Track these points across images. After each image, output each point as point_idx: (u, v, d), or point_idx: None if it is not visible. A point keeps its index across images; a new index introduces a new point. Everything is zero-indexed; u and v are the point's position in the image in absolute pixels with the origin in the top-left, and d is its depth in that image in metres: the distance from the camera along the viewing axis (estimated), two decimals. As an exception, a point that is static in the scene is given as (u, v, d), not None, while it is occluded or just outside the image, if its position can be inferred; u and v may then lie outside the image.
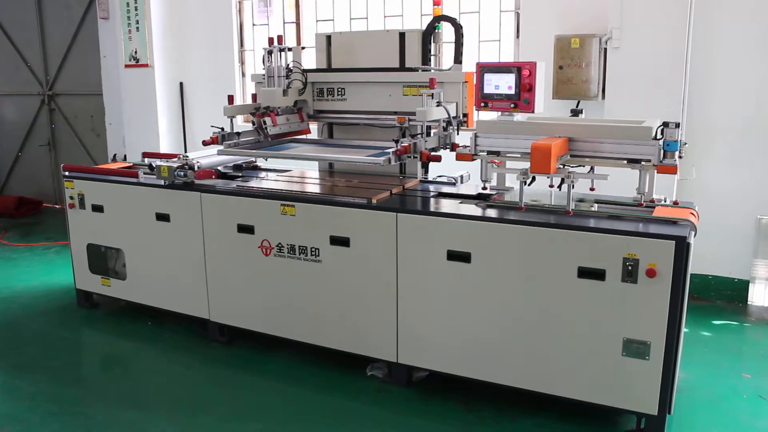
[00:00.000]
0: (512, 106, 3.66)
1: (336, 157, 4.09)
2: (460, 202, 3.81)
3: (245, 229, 4.17)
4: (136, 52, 7.31)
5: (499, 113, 3.75)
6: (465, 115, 4.07)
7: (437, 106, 3.89)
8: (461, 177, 4.33)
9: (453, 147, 4.08)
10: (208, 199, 4.28)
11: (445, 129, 4.06)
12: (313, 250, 3.98)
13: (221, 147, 4.37)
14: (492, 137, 3.69)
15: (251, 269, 4.20)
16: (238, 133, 4.54)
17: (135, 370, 4.16)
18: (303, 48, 4.56)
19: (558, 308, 3.38)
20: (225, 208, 4.22)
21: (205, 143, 4.41)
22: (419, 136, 3.93)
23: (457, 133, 4.10)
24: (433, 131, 4.11)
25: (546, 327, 3.43)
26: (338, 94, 4.52)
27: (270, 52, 4.22)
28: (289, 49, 4.40)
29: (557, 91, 5.44)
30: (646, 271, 3.11)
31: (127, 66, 7.42)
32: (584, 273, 3.27)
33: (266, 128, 4.17)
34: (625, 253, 3.15)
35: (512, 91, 3.66)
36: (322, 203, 3.90)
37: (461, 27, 4.33)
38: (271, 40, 4.18)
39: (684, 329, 3.38)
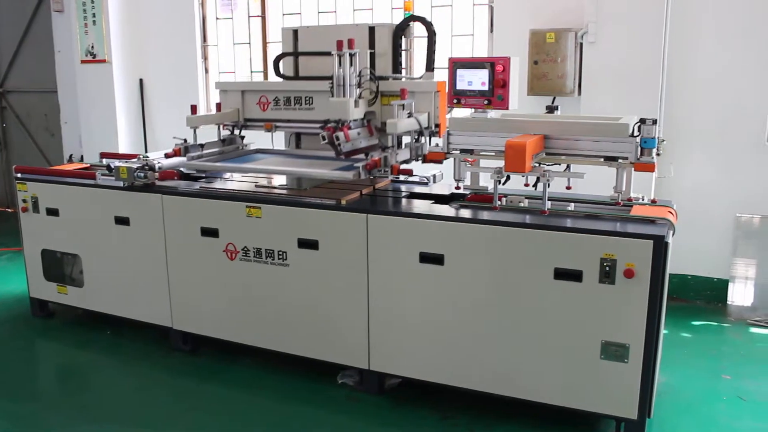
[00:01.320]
0: (486, 102, 3.67)
1: (303, 171, 4.06)
2: (433, 203, 3.80)
3: (209, 232, 4.15)
4: (92, 47, 7.21)
5: (473, 110, 3.75)
6: (437, 126, 4.06)
7: (408, 117, 3.90)
8: (434, 176, 4.34)
9: (425, 158, 4.09)
10: (170, 202, 4.25)
11: (416, 140, 4.08)
12: (280, 253, 3.97)
13: (184, 160, 4.35)
14: (465, 135, 3.69)
15: (215, 274, 4.18)
16: (202, 145, 4.54)
17: (93, 382, 4.11)
18: (268, 43, 4.50)
19: (534, 311, 3.39)
20: (187, 210, 4.19)
21: (167, 156, 4.36)
22: (390, 149, 3.94)
23: (429, 144, 4.11)
24: (404, 143, 4.12)
25: (522, 330, 3.44)
26: (306, 103, 4.49)
27: (340, 57, 3.94)
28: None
29: (532, 87, 5.47)
30: (623, 272, 3.13)
31: (83, 62, 7.32)
32: (561, 274, 3.28)
33: (339, 144, 3.81)
34: (603, 253, 3.17)
35: (485, 87, 3.66)
36: (289, 204, 3.89)
37: (434, 32, 4.21)
38: (340, 44, 3.92)
39: (663, 331, 3.41)
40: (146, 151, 7.36)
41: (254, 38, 7.11)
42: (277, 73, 4.63)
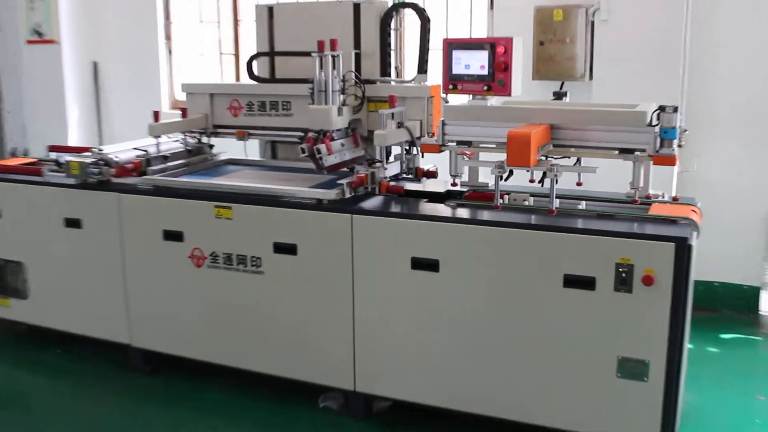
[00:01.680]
0: (485, 88, 3.68)
1: (278, 189, 4.00)
2: (426, 201, 3.82)
3: (173, 235, 4.15)
4: (39, 25, 7.15)
5: (470, 97, 3.76)
6: (431, 135, 4.10)
7: (398, 127, 3.93)
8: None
9: (417, 173, 4.19)
10: (128, 201, 4.24)
11: (407, 152, 4.12)
12: (253, 259, 3.97)
13: (147, 176, 4.34)
14: (462, 125, 3.70)
15: (180, 283, 4.18)
16: (166, 157, 4.57)
17: (40, 408, 4.08)
18: (239, 21, 4.48)
19: (541, 323, 3.40)
20: (148, 211, 4.19)
21: (125, 170, 4.31)
22: (378, 163, 3.97)
23: (422, 156, 4.14)
24: (394, 156, 4.17)
25: (527, 346, 3.45)
26: (283, 108, 4.52)
27: (321, 59, 3.91)
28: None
29: (537, 70, 5.48)
30: (642, 279, 3.14)
31: (29, 42, 7.27)
32: (571, 282, 3.29)
33: (321, 158, 3.83)
34: (618, 257, 3.18)
35: (485, 72, 3.67)
36: (263, 204, 3.89)
37: (428, 19, 4.20)
38: (321, 44, 3.88)
39: (687, 345, 3.47)
40: (101, 144, 7.29)
41: (224, 16, 7.07)
42: (251, 75, 4.63)
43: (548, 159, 3.54)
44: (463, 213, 3.62)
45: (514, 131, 3.32)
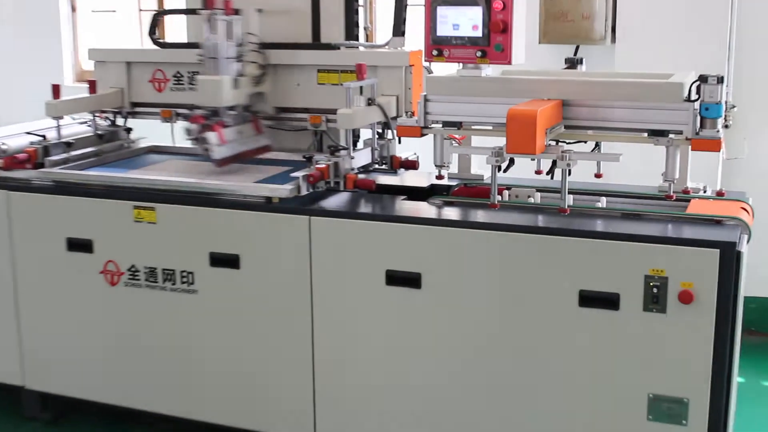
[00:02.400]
0: (479, 54, 3.67)
1: (215, 184, 4.00)
2: (404, 199, 3.85)
3: (79, 245, 4.13)
4: None
5: (460, 65, 3.76)
6: (410, 114, 4.08)
7: (368, 104, 3.95)
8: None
9: (393, 162, 4.23)
10: (20, 201, 4.22)
11: (381, 136, 4.15)
12: (184, 275, 3.97)
13: (45, 169, 4.29)
14: (449, 101, 3.71)
15: (89, 307, 4.16)
16: (69, 143, 4.55)
17: None
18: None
19: (551, 353, 3.42)
20: (47, 213, 4.17)
21: (16, 162, 4.28)
22: (344, 152, 3.99)
23: (399, 142, 4.20)
24: (363, 141, 4.17)
25: (534, 381, 3.47)
26: None
27: (210, 20, 3.98)
28: (235, 12, 4.20)
29: (546, 32, 5.51)
30: (678, 295, 3.16)
31: None
32: (589, 300, 3.32)
33: (209, 149, 3.93)
34: (648, 268, 3.21)
35: (479, 33, 3.67)
36: (197, 203, 3.89)
37: None
38: (210, 2, 3.96)
39: (737, 378, 3.45)
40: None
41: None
42: (154, 38, 4.65)
43: (559, 144, 3.55)
44: (452, 213, 3.63)
45: (515, 109, 3.30)
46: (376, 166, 4.24)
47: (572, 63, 4.05)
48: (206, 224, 3.89)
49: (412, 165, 4.29)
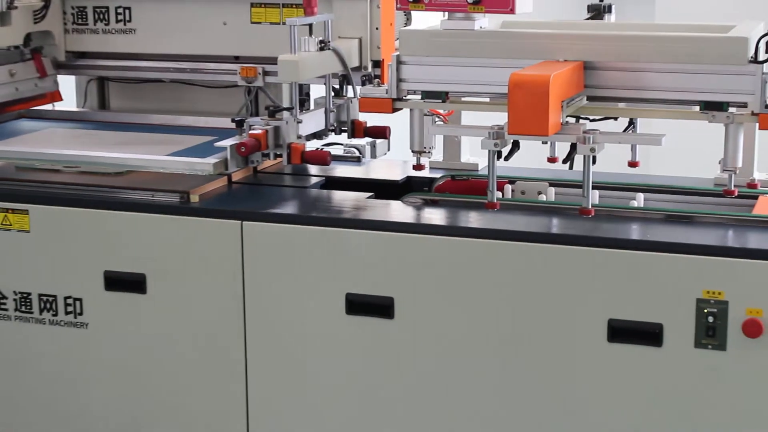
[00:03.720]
0: (470, 0, 3.52)
1: (108, 157, 3.99)
2: (370, 197, 3.80)
3: None
4: None
5: (444, 16, 3.66)
6: (377, 64, 4.10)
7: (321, 50, 3.90)
8: (371, 146, 4.32)
9: (355, 128, 4.18)
10: None
11: (337, 93, 4.12)
12: (69, 302, 3.85)
13: None
14: (431, 64, 3.62)
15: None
16: None
17: None
18: None
19: (571, 404, 3.36)
20: None
21: None
22: (289, 113, 3.90)
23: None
24: (314, 100, 4.15)
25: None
26: (118, 21, 4.52)
27: None
28: None
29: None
30: (743, 325, 3.06)
31: None
32: (621, 332, 3.23)
33: None
34: (701, 290, 3.11)
35: (470, -27, 3.64)
36: (86, 205, 3.81)
37: None
38: None
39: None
40: None
41: None
42: None
43: (580, 122, 3.50)
44: (435, 217, 3.61)
45: (520, 74, 3.21)
46: (332, 133, 4.19)
47: (597, 11, 3.98)
48: (99, 233, 3.81)
49: (380, 133, 4.21)
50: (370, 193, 3.83)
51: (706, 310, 3.11)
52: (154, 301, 3.77)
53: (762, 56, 3.31)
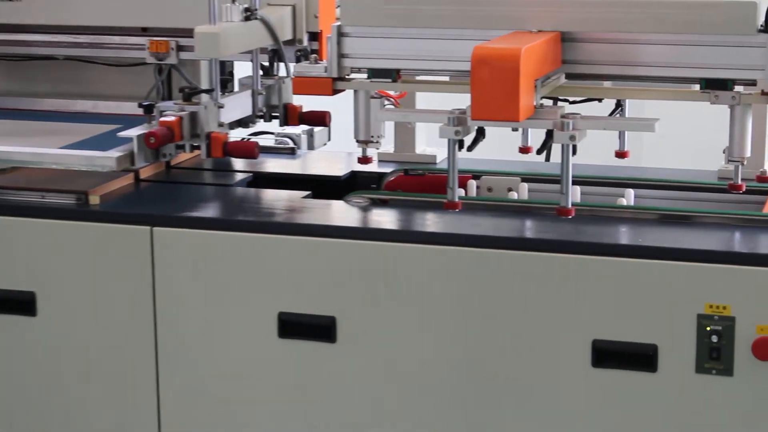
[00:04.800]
0: (426, -41, 3.63)
1: None
2: (307, 196, 3.82)
3: None
4: None
5: None
6: (314, 37, 4.16)
7: (246, 20, 3.91)
8: (309, 134, 4.43)
9: (288, 114, 4.21)
10: None
11: (266, 72, 4.17)
12: None
13: None
14: (378, 36, 3.64)
15: None
16: None
17: None
18: None
19: None
20: None
21: None
22: (205, 96, 3.92)
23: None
24: (238, 81, 4.20)
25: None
26: None
27: None
28: None
29: None
30: (752, 346, 3.07)
31: None
32: (608, 355, 3.23)
33: None
34: (703, 304, 3.11)
35: None
36: None
37: None
38: None
39: None
40: None
41: None
42: None
43: (557, 105, 3.53)
44: (385, 219, 3.63)
45: (485, 47, 3.20)
46: (260, 120, 4.23)
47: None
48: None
49: (319, 119, 4.26)
50: (307, 192, 3.84)
51: (709, 328, 3.09)
52: (45, 325, 3.75)
53: (773, 26, 3.35)
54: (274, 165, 4.24)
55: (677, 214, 3.50)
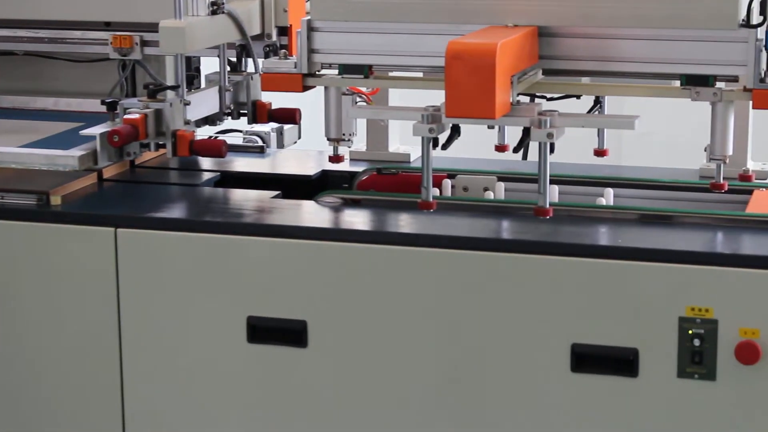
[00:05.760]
0: (399, -49, 3.61)
1: None
2: (277, 196, 3.83)
3: None
4: None
5: None
6: (283, 32, 4.18)
7: (213, 12, 3.93)
8: (279, 132, 4.47)
9: (257, 112, 4.23)
10: None
11: (234, 68, 4.19)
12: None
13: None
14: (350, 31, 3.67)
15: None
16: None
17: None
18: None
19: None
20: None
21: None
22: (171, 92, 3.93)
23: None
24: (205, 77, 4.23)
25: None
26: None
27: None
28: None
29: None
30: (735, 350, 3.08)
31: None
32: (587, 360, 3.24)
33: None
34: (684, 306, 3.12)
35: None
36: None
37: None
38: None
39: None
40: None
41: None
42: None
43: (534, 102, 3.53)
44: (357, 220, 3.66)
45: (460, 43, 3.22)
46: (227, 118, 4.22)
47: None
48: None
49: (289, 117, 4.26)
50: (277, 192, 3.85)
51: (690, 332, 3.12)
52: (5, 329, 3.76)
53: (756, 18, 3.34)
54: (242, 164, 4.24)
55: (658, 214, 3.53)
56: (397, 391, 3.45)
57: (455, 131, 3.59)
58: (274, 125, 4.41)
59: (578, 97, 3.64)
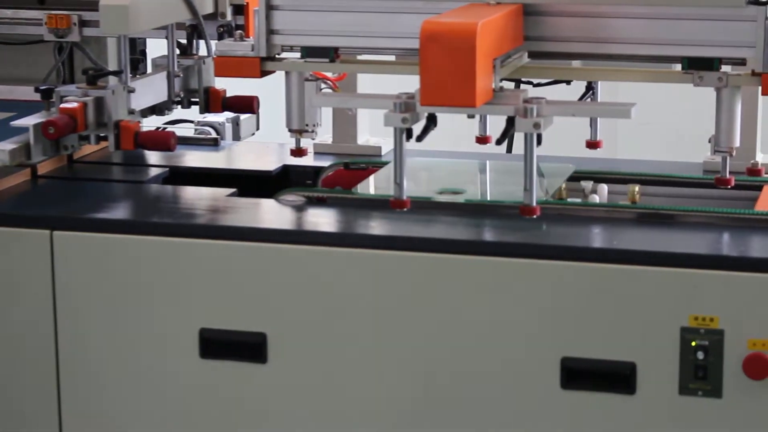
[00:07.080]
0: None
1: None
2: (233, 194, 3.83)
3: None
4: None
5: None
6: (239, 10, 4.20)
7: None
8: (235, 122, 4.56)
9: (210, 99, 4.24)
10: None
11: (184, 51, 4.23)
12: None
13: None
14: (313, 9, 3.68)
15: None
16: None
17: None
18: None
19: None
20: None
21: None
22: (113, 78, 3.96)
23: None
24: (152, 61, 4.26)
25: None
26: None
27: None
28: None
29: None
30: (743, 363, 3.05)
31: None
32: (579, 375, 3.22)
33: None
34: (687, 315, 3.10)
35: None
36: None
37: None
38: None
39: None
40: None
41: None
42: None
43: (519, 89, 3.56)
44: (322, 220, 3.65)
45: (436, 22, 3.20)
46: (176, 106, 4.27)
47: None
48: None
49: (246, 106, 4.29)
50: (233, 189, 3.85)
51: (694, 343, 3.08)
52: None
53: (764, -1, 3.34)
54: (194, 158, 4.26)
55: (657, 212, 3.48)
56: (368, 413, 3.45)
57: (431, 121, 3.47)
58: (229, 115, 4.46)
59: (568, 82, 3.66)
